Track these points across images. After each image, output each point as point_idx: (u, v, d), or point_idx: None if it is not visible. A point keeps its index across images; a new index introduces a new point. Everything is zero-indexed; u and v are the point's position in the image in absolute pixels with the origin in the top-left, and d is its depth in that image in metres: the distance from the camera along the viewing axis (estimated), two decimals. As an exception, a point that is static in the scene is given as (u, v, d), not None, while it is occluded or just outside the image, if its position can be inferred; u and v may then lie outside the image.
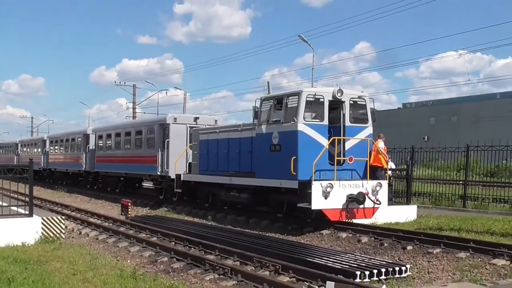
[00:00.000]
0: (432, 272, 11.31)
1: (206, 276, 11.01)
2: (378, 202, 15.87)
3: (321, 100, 15.90)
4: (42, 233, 12.66)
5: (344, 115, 16.33)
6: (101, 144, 33.33)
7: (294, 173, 15.31)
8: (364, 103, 16.96)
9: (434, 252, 12.75)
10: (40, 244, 12.16)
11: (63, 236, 13.28)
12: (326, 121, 15.91)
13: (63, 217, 14.53)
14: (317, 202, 14.69)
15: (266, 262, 11.46)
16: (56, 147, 42.70)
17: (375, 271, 10.46)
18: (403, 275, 10.73)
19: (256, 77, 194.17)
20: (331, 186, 14.83)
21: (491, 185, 24.53)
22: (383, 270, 10.58)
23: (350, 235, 15.32)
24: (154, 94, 60.59)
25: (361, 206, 15.52)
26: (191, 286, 9.63)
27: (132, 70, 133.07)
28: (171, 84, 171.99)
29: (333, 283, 9.49)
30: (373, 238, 14.73)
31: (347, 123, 16.35)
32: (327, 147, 15.65)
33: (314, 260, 11.47)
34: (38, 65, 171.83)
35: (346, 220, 15.77)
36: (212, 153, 20.83)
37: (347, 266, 10.81)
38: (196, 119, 25.55)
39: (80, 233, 17.59)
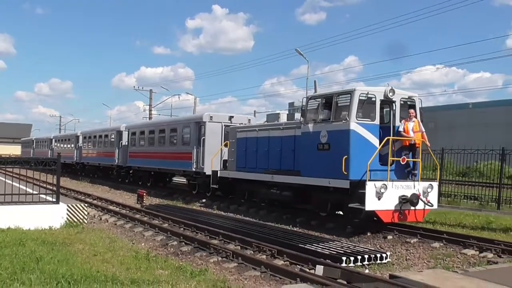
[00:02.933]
0: (409, 259, 11.33)
1: (211, 258, 11.02)
2: (430, 204, 13.98)
3: (373, 99, 14.08)
4: (67, 218, 12.65)
5: (394, 115, 14.66)
6: (134, 141, 31.70)
7: (346, 173, 13.58)
8: (414, 103, 15.05)
9: (412, 241, 12.76)
10: (65, 228, 12.15)
11: (86, 221, 13.27)
12: (377, 121, 14.17)
13: (86, 204, 14.48)
14: (371, 203, 12.99)
15: (263, 247, 11.48)
16: (89, 143, 40.95)
17: (359, 257, 10.47)
18: (384, 261, 10.75)
19: (257, 85, 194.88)
20: (385, 187, 13.11)
21: (463, 184, 24.56)
22: (366, 256, 10.61)
23: (337, 224, 15.33)
24: (168, 98, 61.07)
25: (413, 208, 13.66)
26: (197, 267, 9.61)
27: (149, 77, 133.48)
28: (183, 89, 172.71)
29: (322, 267, 9.49)
30: (356, 228, 14.66)
31: (397, 123, 14.63)
32: (383, 144, 13.82)
33: (306, 246, 11.46)
34: (66, 71, 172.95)
35: (398, 222, 13.84)
36: (251, 151, 19.03)
37: (334, 252, 10.81)
38: (231, 117, 23.62)
39: (101, 219, 17.62)
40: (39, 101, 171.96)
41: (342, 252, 10.87)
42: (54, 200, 12.87)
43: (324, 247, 11.50)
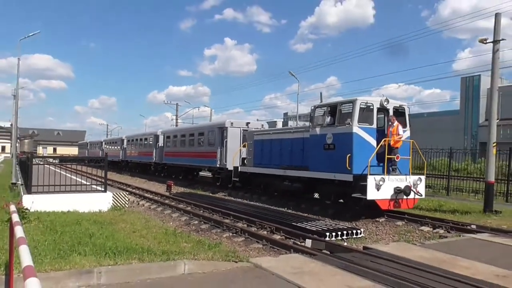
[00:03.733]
0: (378, 235, 11.27)
1: (224, 234, 11.02)
2: (419, 194, 13.60)
3: (371, 107, 13.65)
4: (112, 203, 12.63)
5: (388, 120, 14.01)
6: (169, 143, 31.22)
7: (349, 168, 13.07)
8: (404, 111, 14.56)
9: (380, 220, 12.71)
10: (111, 211, 12.13)
11: (127, 206, 13.25)
12: (374, 125, 13.63)
13: (127, 192, 14.49)
14: (371, 193, 12.59)
15: (265, 225, 11.45)
16: (132, 145, 40.42)
17: (339, 233, 10.44)
18: (358, 236, 10.70)
19: (259, 99, 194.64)
20: (383, 180, 12.74)
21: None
22: (345, 232, 10.56)
23: (321, 207, 15.25)
24: (190, 110, 62.15)
25: (406, 197, 13.16)
26: (213, 241, 9.60)
27: (175, 93, 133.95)
28: (201, 103, 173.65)
29: (311, 240, 9.48)
30: (337, 210, 14.66)
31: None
32: (380, 145, 13.35)
33: (297, 224, 11.41)
34: (113, 89, 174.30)
35: (393, 209, 13.29)
36: (266, 150, 18.59)
37: (320, 229, 10.76)
38: (247, 123, 23.35)
39: (138, 203, 17.62)
40: (91, 113, 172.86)
41: (326, 229, 10.83)
42: (102, 189, 12.87)
43: (312, 225, 11.45)
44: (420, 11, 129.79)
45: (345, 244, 9.75)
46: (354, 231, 10.77)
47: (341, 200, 15.13)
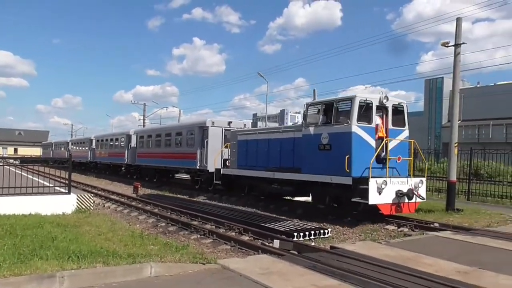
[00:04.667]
0: (345, 234, 11.35)
1: (192, 236, 10.92)
2: (421, 197, 12.72)
3: (370, 105, 12.65)
4: (77, 205, 12.32)
5: (387, 119, 13.14)
6: (142, 143, 29.50)
7: (348, 170, 12.09)
8: (403, 109, 13.60)
9: (346, 220, 12.89)
10: (75, 213, 11.82)
11: (92, 208, 12.96)
12: (373, 124, 12.70)
13: (92, 194, 14.19)
14: (373, 198, 11.68)
15: (233, 226, 11.41)
16: (101, 145, 38.48)
17: (307, 233, 10.50)
18: (326, 236, 10.77)
19: (228, 100, 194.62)
20: (385, 183, 11.83)
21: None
22: (312, 232, 10.62)
23: (289, 207, 15.39)
24: (157, 110, 61.11)
25: (408, 201, 12.29)
26: (181, 243, 9.50)
27: (143, 93, 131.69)
28: (169, 103, 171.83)
29: (278, 241, 9.53)
30: (305, 210, 14.77)
31: (390, 126, 13.16)
32: (382, 145, 12.52)
33: (266, 225, 11.42)
34: (78, 88, 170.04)
35: (396, 214, 12.38)
36: (251, 151, 17.23)
37: (288, 229, 10.79)
38: (229, 123, 21.96)
39: (104, 206, 17.21)
40: (55, 113, 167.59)
41: (294, 229, 10.87)
42: (66, 191, 12.54)
43: (280, 225, 11.48)
44: (385, 14, 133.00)
45: (313, 244, 9.81)
46: (322, 231, 10.86)
47: (335, 205, 14.12)
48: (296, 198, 16.78)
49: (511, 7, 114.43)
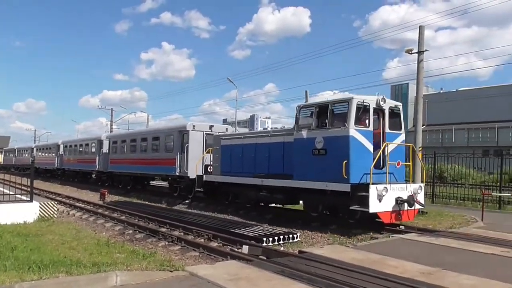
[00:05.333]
0: (314, 238, 11.44)
1: (160, 243, 10.77)
2: (421, 205, 12.24)
3: (367, 107, 12.04)
4: (39, 214, 11.95)
5: (384, 122, 12.52)
6: (116, 149, 27.93)
7: (346, 177, 11.43)
8: (399, 112, 13.04)
9: (314, 225, 12.99)
10: (37, 222, 11.46)
11: (55, 216, 12.59)
12: (371, 127, 12.08)
13: (56, 202, 13.78)
14: (374, 205, 11.05)
15: (202, 232, 11.34)
16: (70, 151, 36.52)
17: (276, 238, 10.52)
18: (295, 240, 10.82)
19: (198, 105, 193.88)
20: (386, 190, 11.21)
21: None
22: (281, 237, 10.66)
23: (259, 212, 15.41)
24: (125, 115, 60.18)
25: (408, 208, 11.70)
26: (148, 251, 9.35)
27: (110, 98, 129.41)
28: (138, 108, 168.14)
29: (247, 246, 9.52)
30: (274, 215, 14.84)
31: (387, 129, 12.52)
32: (382, 150, 12.01)
33: (235, 231, 11.40)
34: (41, 92, 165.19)
35: (395, 222, 11.75)
36: (236, 157, 16.32)
37: (257, 235, 10.79)
38: (211, 127, 20.88)
39: (69, 213, 16.78)
40: (16, 117, 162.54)
41: (263, 234, 10.89)
42: (28, 199, 12.14)
43: (250, 231, 11.47)
44: (353, 21, 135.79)
45: (282, 248, 9.82)
46: (291, 236, 10.92)
47: (327, 213, 13.61)
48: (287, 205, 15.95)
49: (471, 16, 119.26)
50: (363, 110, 11.98)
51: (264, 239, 10.26)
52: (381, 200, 11.19)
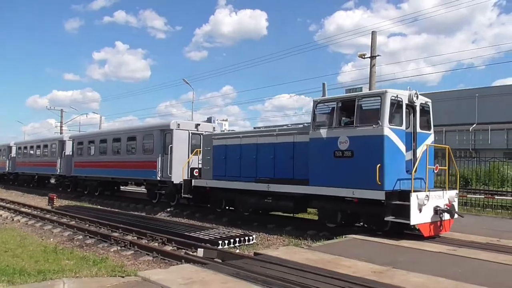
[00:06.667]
0: (269, 240, 11.55)
1: (111, 248, 10.47)
2: (460, 214, 10.85)
3: (401, 103, 10.58)
4: (-20, 220, 11.32)
5: (415, 120, 11.11)
6: (81, 150, 25.38)
7: (380, 183, 9.97)
8: (429, 109, 11.67)
9: (270, 227, 13.07)
10: (-22, 229, 10.88)
11: (-2, 222, 11.98)
12: (404, 126, 10.65)
13: (-2, 208, 13.09)
14: (415, 217, 9.63)
15: (156, 236, 11.14)
16: (24, 153, 33.65)
17: (232, 240, 10.54)
18: (251, 242, 10.89)
19: (153, 107, 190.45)
20: (427, 198, 9.83)
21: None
22: (237, 239, 10.69)
23: (217, 215, 15.31)
24: (77, 116, 58.62)
25: (446, 218, 10.34)
26: (99, 256, 9.07)
27: (60, 99, 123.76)
28: (90, 109, 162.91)
29: (202, 249, 9.43)
30: (230, 218, 14.75)
31: (418, 129, 11.15)
32: (422, 152, 10.71)
33: (191, 234, 11.30)
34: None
35: (433, 235, 10.22)
36: (233, 159, 14.48)
37: (213, 237, 10.77)
38: (197, 125, 19.00)
39: (13, 219, 15.99)
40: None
41: (219, 237, 10.88)
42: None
43: (205, 234, 11.43)
44: (308, 25, 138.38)
45: (237, 251, 9.84)
46: (247, 238, 10.96)
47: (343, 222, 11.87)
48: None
49: (421, 24, 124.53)
50: (396, 106, 10.57)
51: (220, 242, 10.23)
52: (421, 210, 9.82)
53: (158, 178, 18.44)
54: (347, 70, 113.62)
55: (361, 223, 11.73)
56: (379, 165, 10.02)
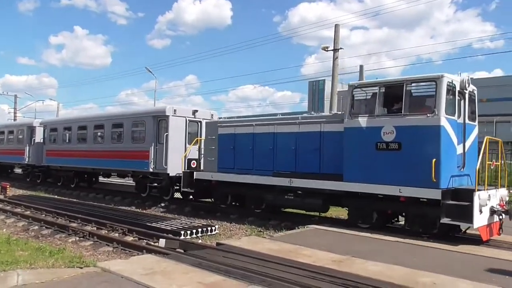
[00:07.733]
0: (232, 230, 11.63)
1: (69, 239, 10.23)
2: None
3: (454, 90, 9.45)
4: None
5: (465, 110, 9.99)
6: (55, 137, 22.88)
7: (435, 180, 8.88)
8: (475, 98, 10.49)
9: (233, 217, 13.15)
10: None
11: None
12: (456, 116, 9.54)
13: None
14: (477, 219, 8.55)
15: (116, 226, 10.98)
16: None
17: (194, 231, 10.54)
18: (213, 232, 10.94)
19: (114, 95, 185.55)
20: (489, 198, 8.80)
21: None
22: (199, 229, 10.71)
23: (178, 206, 15.26)
24: (32, 103, 56.05)
25: (501, 219, 9.29)
26: (56, 247, 8.84)
27: (13, 84, 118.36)
28: (47, 96, 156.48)
29: (164, 240, 9.38)
30: (193, 208, 14.80)
31: (467, 119, 10.06)
32: (483, 149, 9.22)
33: (152, 225, 11.22)
34: None
35: (490, 238, 9.18)
36: (243, 149, 12.99)
37: (175, 228, 10.75)
38: (195, 112, 17.17)
39: (-38, 210, 15.27)
40: None
41: (181, 227, 10.85)
42: None
43: (167, 224, 11.38)
44: (273, 16, 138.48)
45: (200, 241, 9.85)
46: (209, 228, 10.98)
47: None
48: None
49: (382, 18, 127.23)
50: (451, 93, 9.46)
51: (182, 232, 10.22)
52: (482, 211, 8.74)
53: (151, 170, 16.66)
54: (310, 62, 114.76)
55: (393, 223, 10.87)
56: (434, 160, 8.95)
